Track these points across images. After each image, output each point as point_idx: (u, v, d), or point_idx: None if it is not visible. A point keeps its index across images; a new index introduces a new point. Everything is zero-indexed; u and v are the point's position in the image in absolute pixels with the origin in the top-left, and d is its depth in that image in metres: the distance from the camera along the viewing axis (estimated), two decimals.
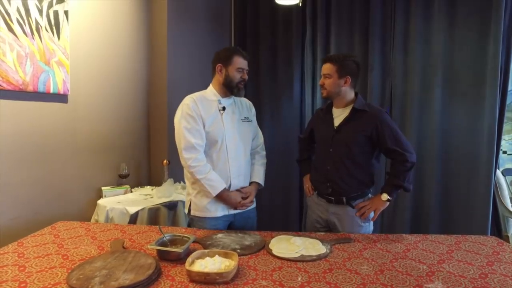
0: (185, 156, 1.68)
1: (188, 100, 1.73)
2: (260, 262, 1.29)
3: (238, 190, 1.79)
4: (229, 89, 1.76)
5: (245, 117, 1.85)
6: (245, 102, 1.93)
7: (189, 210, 1.80)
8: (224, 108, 1.76)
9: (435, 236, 1.58)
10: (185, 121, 1.69)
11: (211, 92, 1.80)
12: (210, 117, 1.72)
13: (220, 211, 1.76)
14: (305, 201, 3.11)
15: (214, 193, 1.69)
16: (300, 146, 2.10)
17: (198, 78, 3.04)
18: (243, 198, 1.78)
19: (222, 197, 1.72)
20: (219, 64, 1.76)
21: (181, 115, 1.71)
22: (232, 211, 1.78)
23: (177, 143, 1.73)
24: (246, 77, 1.78)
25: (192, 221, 1.81)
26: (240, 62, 1.74)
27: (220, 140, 1.73)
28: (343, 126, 1.74)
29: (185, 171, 1.78)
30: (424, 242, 1.50)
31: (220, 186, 1.69)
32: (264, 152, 1.96)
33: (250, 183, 1.86)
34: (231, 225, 1.82)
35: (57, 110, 2.13)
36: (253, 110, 1.96)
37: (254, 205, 1.90)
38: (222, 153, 1.74)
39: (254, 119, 1.93)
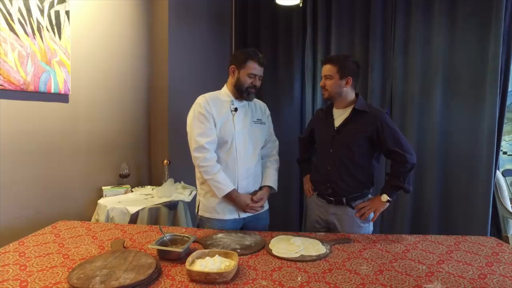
0: (194, 155, 1.69)
1: (200, 99, 1.74)
2: (260, 262, 1.29)
3: (251, 194, 1.77)
4: (239, 92, 1.75)
5: (257, 119, 1.83)
6: (259, 103, 1.91)
7: (198, 210, 1.82)
8: (236, 109, 1.75)
9: (435, 236, 1.58)
10: (197, 120, 1.70)
11: (224, 92, 1.80)
12: (221, 118, 1.72)
13: (228, 214, 1.74)
14: (305, 201, 3.11)
15: (220, 194, 1.68)
16: (300, 146, 2.11)
17: (199, 78, 3.05)
18: (254, 202, 1.75)
19: (231, 198, 1.71)
20: (233, 66, 1.74)
21: (193, 115, 1.72)
22: (242, 215, 1.76)
23: (189, 143, 1.74)
24: (257, 83, 1.75)
25: (201, 221, 1.81)
26: (253, 67, 1.71)
27: (229, 141, 1.72)
28: (343, 127, 1.74)
29: (196, 171, 1.79)
30: (424, 243, 1.50)
31: (226, 188, 1.68)
32: (278, 157, 1.93)
33: (262, 187, 1.83)
34: (243, 227, 1.80)
35: (58, 110, 2.14)
36: (267, 112, 1.93)
37: (266, 207, 1.88)
38: (231, 154, 1.73)
39: (268, 120, 1.91)
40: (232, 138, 1.72)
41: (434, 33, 2.76)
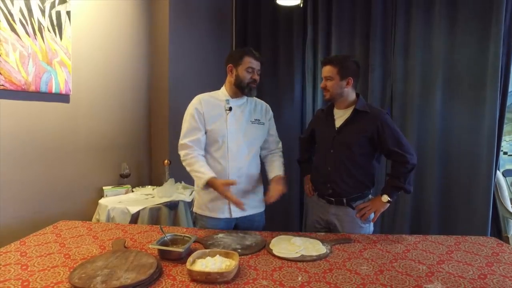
0: (178, 152, 1.75)
1: (194, 99, 1.79)
2: (260, 262, 1.29)
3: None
4: (240, 89, 1.75)
5: (255, 119, 1.82)
6: (261, 104, 1.90)
7: (193, 207, 1.86)
8: (230, 109, 1.76)
9: (435, 236, 1.58)
10: (186, 119, 1.76)
11: (222, 92, 1.81)
12: (213, 117, 1.73)
13: (219, 213, 1.75)
14: (305, 201, 3.12)
15: (202, 184, 1.62)
16: (301, 146, 2.11)
17: (199, 77, 3.06)
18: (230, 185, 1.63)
19: (213, 187, 1.62)
20: (230, 65, 1.76)
21: (185, 114, 1.78)
22: (234, 214, 1.76)
23: None
24: (256, 77, 1.76)
25: (196, 218, 1.85)
26: (250, 62, 1.73)
27: (220, 139, 1.73)
28: (344, 127, 1.74)
29: None
30: (424, 243, 1.50)
31: (204, 176, 1.61)
32: (282, 154, 1.93)
33: (272, 178, 1.79)
34: (236, 227, 1.81)
35: (59, 110, 2.14)
36: (270, 113, 1.91)
37: (262, 209, 1.86)
38: (222, 153, 1.74)
39: (269, 122, 1.89)
40: (224, 137, 1.73)
41: (434, 35, 2.76)
